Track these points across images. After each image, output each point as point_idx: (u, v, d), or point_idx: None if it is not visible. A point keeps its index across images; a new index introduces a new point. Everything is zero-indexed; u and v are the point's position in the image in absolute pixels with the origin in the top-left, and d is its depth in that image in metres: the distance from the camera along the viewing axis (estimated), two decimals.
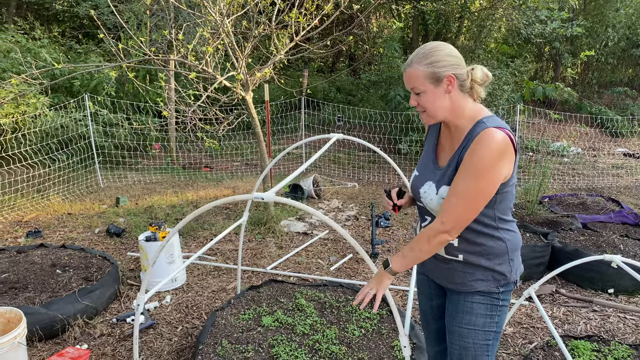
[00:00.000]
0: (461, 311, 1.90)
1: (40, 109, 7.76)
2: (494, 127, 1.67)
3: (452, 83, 1.74)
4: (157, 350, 3.46)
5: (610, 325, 3.84)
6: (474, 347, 1.89)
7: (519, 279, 1.97)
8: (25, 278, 4.00)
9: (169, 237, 2.37)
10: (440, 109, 1.78)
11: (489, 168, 1.66)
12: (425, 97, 1.77)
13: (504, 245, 1.84)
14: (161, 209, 6.53)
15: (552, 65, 16.77)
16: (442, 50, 1.75)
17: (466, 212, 1.71)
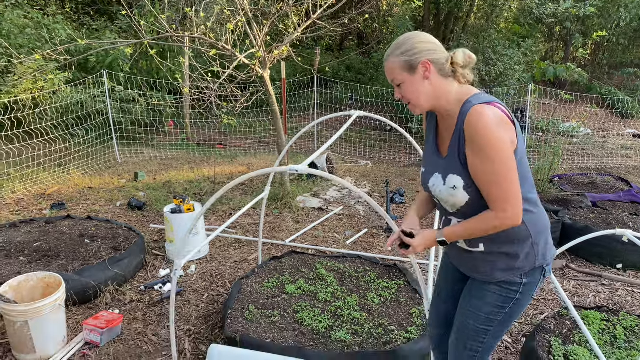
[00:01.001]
0: (474, 296, 1.97)
1: (58, 85, 7.87)
2: (480, 104, 1.66)
3: (428, 69, 1.73)
4: (186, 315, 3.64)
5: (619, 298, 3.99)
6: (472, 328, 1.96)
7: (550, 263, 1.91)
8: (56, 247, 4.18)
9: (203, 209, 2.51)
10: (422, 96, 1.77)
11: (495, 142, 1.63)
12: (405, 87, 1.78)
13: (525, 227, 1.81)
14: (179, 184, 6.68)
15: (562, 46, 16.68)
16: (414, 39, 1.75)
17: (510, 191, 1.68)
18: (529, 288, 1.88)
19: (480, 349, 1.98)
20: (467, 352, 2.01)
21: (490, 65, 9.62)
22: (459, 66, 1.77)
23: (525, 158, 1.80)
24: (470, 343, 1.98)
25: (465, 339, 2.00)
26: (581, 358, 2.86)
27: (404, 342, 2.94)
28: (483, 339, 1.96)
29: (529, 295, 1.91)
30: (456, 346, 2.05)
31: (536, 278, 1.88)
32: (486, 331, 1.94)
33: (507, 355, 3.26)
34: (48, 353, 3.11)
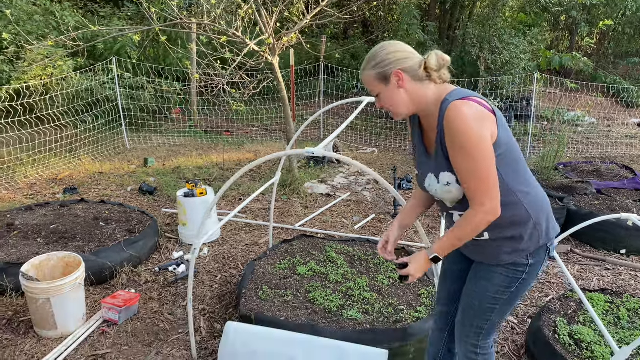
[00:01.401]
0: (481, 277, 2.04)
1: (67, 72, 7.94)
2: (457, 100, 1.71)
3: (400, 78, 1.78)
4: (200, 295, 3.74)
5: (622, 282, 4.09)
6: (478, 307, 2.04)
7: (553, 241, 1.98)
8: (72, 229, 4.28)
9: (224, 189, 2.60)
10: (400, 103, 1.83)
11: (473, 138, 1.68)
12: (382, 97, 1.85)
13: (525, 209, 1.86)
14: (188, 169, 6.78)
15: (568, 35, 16.64)
16: (384, 50, 1.80)
17: (489, 185, 1.73)
18: (534, 268, 1.96)
19: (486, 326, 2.06)
20: (473, 330, 2.09)
21: (496, 54, 9.64)
22: (433, 70, 1.81)
23: (512, 143, 1.84)
24: (477, 321, 2.07)
25: (472, 318, 2.09)
26: (586, 337, 2.96)
27: (413, 321, 3.03)
28: (489, 317, 2.04)
29: (534, 275, 1.98)
30: (462, 324, 2.13)
31: (541, 257, 1.96)
32: (492, 309, 2.02)
33: (512, 335, 3.35)
34: (69, 329, 3.22)
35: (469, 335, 2.11)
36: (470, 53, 9.85)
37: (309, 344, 2.67)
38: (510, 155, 1.81)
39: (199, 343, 3.18)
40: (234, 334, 2.82)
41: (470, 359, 2.14)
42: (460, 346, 2.17)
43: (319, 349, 2.64)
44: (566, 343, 2.92)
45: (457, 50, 10.74)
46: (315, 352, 2.64)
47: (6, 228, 4.25)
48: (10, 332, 3.24)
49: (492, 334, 2.12)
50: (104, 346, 3.14)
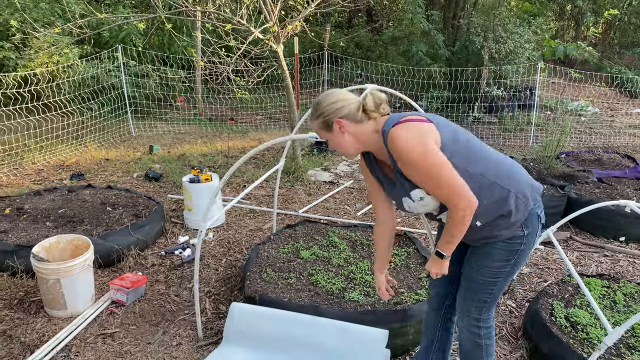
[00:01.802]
0: (480, 254, 2.13)
1: (73, 59, 8.00)
2: (392, 128, 1.85)
3: (341, 125, 1.95)
4: (206, 278, 3.83)
5: (620, 268, 4.15)
6: (481, 282, 2.13)
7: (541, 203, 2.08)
8: (80, 213, 4.36)
9: (230, 172, 2.67)
10: (346, 146, 2.00)
11: (418, 154, 1.80)
12: (330, 141, 2.03)
13: (499, 186, 1.96)
14: (193, 157, 6.85)
15: (573, 25, 16.57)
16: (324, 102, 1.96)
17: (452, 186, 1.82)
18: (530, 238, 2.06)
19: (489, 299, 2.15)
20: (475, 304, 2.18)
21: (500, 43, 9.63)
22: (371, 110, 1.94)
23: (460, 137, 1.96)
24: (479, 295, 2.16)
25: (474, 293, 2.17)
26: (582, 319, 3.03)
27: (413, 303, 3.11)
28: (491, 290, 2.13)
29: (531, 244, 2.08)
30: (464, 299, 2.21)
31: (535, 227, 2.05)
32: (495, 283, 2.12)
33: (510, 318, 3.43)
34: (78, 310, 3.31)
35: (470, 310, 2.19)
36: (474, 42, 9.84)
37: (312, 324, 2.76)
38: (462, 147, 1.93)
39: (205, 323, 3.27)
40: (239, 314, 2.91)
41: (473, 333, 2.22)
42: (463, 321, 2.25)
43: (321, 328, 2.73)
44: (562, 325, 2.99)
45: (462, 40, 10.73)
46: (317, 331, 2.72)
47: (16, 212, 4.34)
48: (22, 311, 3.33)
49: (494, 307, 2.21)
50: (112, 326, 3.23)
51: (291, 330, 2.77)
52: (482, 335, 2.23)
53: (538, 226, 2.07)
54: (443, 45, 10.38)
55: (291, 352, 2.74)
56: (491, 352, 2.28)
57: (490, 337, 2.26)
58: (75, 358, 2.92)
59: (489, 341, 2.25)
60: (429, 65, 9.83)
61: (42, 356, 2.90)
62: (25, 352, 2.94)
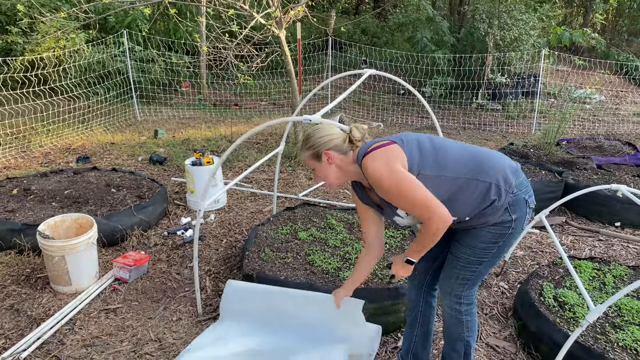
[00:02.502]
0: (468, 236, 2.20)
1: (79, 44, 8.09)
2: (362, 159, 2.04)
3: (329, 156, 2.15)
4: (207, 257, 3.94)
5: (613, 252, 4.22)
6: (466, 260, 2.21)
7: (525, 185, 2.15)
8: (85, 194, 4.48)
9: (227, 152, 2.76)
10: (331, 176, 2.20)
11: (387, 180, 1.96)
12: (317, 171, 2.23)
13: (475, 181, 2.04)
14: (197, 141, 6.95)
15: (582, 11, 16.42)
16: (315, 135, 2.18)
17: (423, 203, 1.95)
18: (519, 222, 2.13)
19: (472, 276, 2.23)
20: (458, 281, 2.26)
21: (505, 30, 9.61)
22: (357, 140, 2.16)
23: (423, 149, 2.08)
24: (463, 273, 2.23)
25: (459, 271, 2.25)
26: (570, 299, 3.11)
27: (405, 282, 3.20)
28: (476, 268, 2.21)
29: (519, 228, 2.15)
30: (449, 276, 2.29)
31: (523, 211, 2.12)
32: (480, 262, 2.19)
33: (502, 299, 3.52)
34: (82, 286, 3.43)
35: (453, 287, 2.27)
36: (479, 29, 9.82)
37: (301, 298, 2.86)
38: (429, 156, 2.07)
39: (204, 300, 3.38)
40: (233, 291, 3.01)
41: (455, 309, 2.31)
42: (445, 298, 2.34)
43: (309, 301, 2.83)
44: (550, 305, 3.08)
45: (467, 26, 10.70)
46: (306, 304, 2.83)
47: (23, 193, 4.47)
48: (29, 287, 3.46)
49: (477, 285, 2.29)
50: (115, 301, 3.36)
51: (281, 304, 2.88)
52: (463, 311, 2.31)
53: (526, 211, 2.14)
54: (448, 31, 10.36)
55: (284, 324, 2.85)
56: (472, 327, 2.36)
57: (471, 313, 2.34)
58: (79, 331, 3.04)
59: (470, 317, 2.33)
60: (434, 52, 9.83)
61: (47, 329, 3.03)
62: (32, 324, 3.07)
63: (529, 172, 5.28)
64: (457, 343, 2.40)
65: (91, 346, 2.91)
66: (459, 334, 2.37)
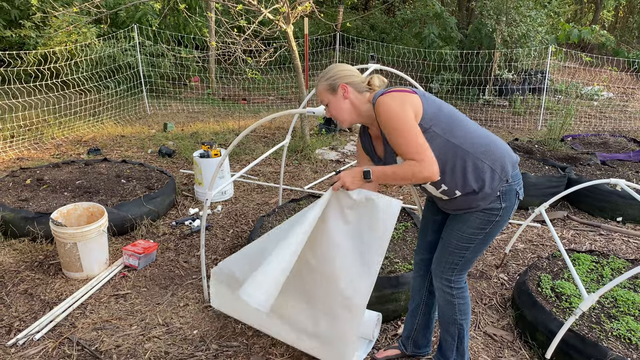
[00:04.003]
0: (458, 221, 2.29)
1: (90, 39, 8.22)
2: (380, 96, 2.06)
3: (346, 90, 2.16)
4: (213, 247, 4.05)
5: (614, 246, 4.27)
6: (455, 245, 2.30)
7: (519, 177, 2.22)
8: (96, 185, 4.60)
9: (236, 140, 2.85)
10: (344, 112, 2.19)
11: (394, 113, 2.00)
12: (330, 105, 2.22)
13: (474, 158, 2.11)
14: (205, 135, 7.06)
15: (592, 8, 16.34)
16: (334, 69, 2.20)
17: (420, 146, 1.99)
18: (507, 211, 2.21)
19: (461, 262, 2.32)
20: (448, 266, 2.35)
21: (512, 26, 9.62)
22: (375, 86, 2.22)
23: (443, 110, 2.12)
24: (452, 257, 2.33)
25: (448, 255, 2.34)
26: (566, 290, 3.18)
27: (406, 272, 3.28)
28: (463, 254, 2.30)
29: (506, 217, 2.23)
30: (439, 261, 2.39)
31: (512, 202, 2.21)
32: (467, 248, 2.28)
33: (501, 289, 3.59)
34: (93, 272, 3.55)
35: (443, 271, 2.37)
36: (486, 25, 9.84)
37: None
38: (444, 118, 2.11)
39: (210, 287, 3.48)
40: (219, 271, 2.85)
41: (445, 292, 2.40)
42: (436, 281, 2.43)
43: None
44: (548, 295, 3.15)
45: (475, 22, 10.72)
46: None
47: (36, 182, 4.59)
48: (42, 272, 3.58)
49: (466, 270, 2.37)
50: (125, 287, 3.47)
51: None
52: (454, 294, 2.40)
53: (515, 201, 2.23)
54: (456, 27, 10.39)
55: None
56: (465, 311, 2.44)
57: (463, 296, 2.42)
58: (90, 315, 3.16)
59: (462, 300, 2.41)
60: (441, 48, 9.86)
61: (60, 312, 3.15)
62: (45, 308, 3.19)
63: (532, 167, 5.34)
64: (450, 326, 2.48)
65: (101, 329, 3.03)
66: (452, 317, 2.45)
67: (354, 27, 13.28)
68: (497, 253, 4.10)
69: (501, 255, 4.02)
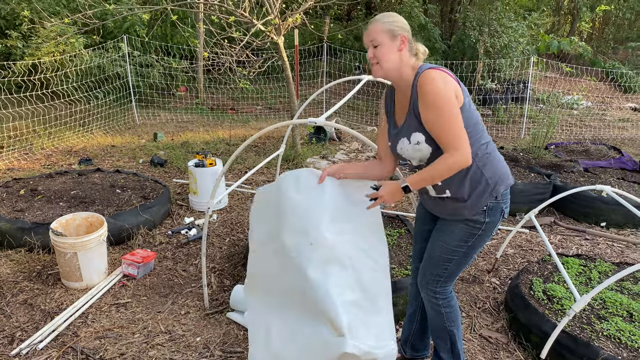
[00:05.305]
0: (443, 232, 2.35)
1: (78, 49, 8.21)
2: (428, 69, 2.04)
3: (404, 42, 2.12)
4: (211, 255, 4.09)
5: (599, 250, 4.43)
6: (438, 257, 2.36)
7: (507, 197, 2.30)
8: (91, 195, 4.62)
9: (232, 158, 2.92)
10: (391, 61, 2.12)
11: (442, 96, 1.99)
12: (381, 49, 2.12)
13: (476, 167, 2.16)
14: (196, 144, 7.10)
15: (570, 20, 16.79)
16: (398, 17, 2.16)
17: (459, 133, 2.02)
18: (490, 226, 2.28)
19: (445, 274, 2.37)
20: (433, 277, 2.41)
21: (495, 37, 9.87)
22: (420, 52, 2.21)
23: (473, 111, 2.17)
24: (436, 270, 2.38)
25: (432, 267, 2.40)
26: (558, 293, 3.30)
27: (402, 277, 3.37)
28: (447, 266, 2.35)
29: (489, 232, 2.30)
30: (424, 272, 2.45)
31: (496, 217, 2.27)
32: (450, 260, 2.34)
33: (494, 294, 3.70)
34: (93, 281, 3.57)
35: (429, 283, 2.42)
36: (469, 36, 10.07)
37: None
38: (469, 120, 2.12)
39: (210, 295, 3.53)
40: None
41: (432, 302, 2.46)
42: (423, 292, 2.49)
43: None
44: (540, 298, 3.26)
45: (458, 34, 10.96)
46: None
47: (30, 193, 4.59)
48: (41, 283, 3.59)
49: (451, 282, 2.42)
50: (125, 296, 3.50)
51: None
52: (441, 304, 2.44)
53: (499, 219, 2.30)
54: (440, 38, 10.61)
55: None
56: (453, 318, 2.49)
57: (450, 305, 2.46)
58: (92, 324, 3.18)
59: (449, 309, 2.46)
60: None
61: (61, 321, 3.16)
62: (46, 318, 3.20)
63: (518, 175, 5.49)
64: (441, 333, 2.53)
65: (104, 338, 3.05)
66: (442, 325, 2.50)
67: (338, 37, 13.44)
68: (488, 258, 4.22)
69: (492, 260, 4.13)
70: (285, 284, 2.42)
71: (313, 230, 2.27)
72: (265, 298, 2.57)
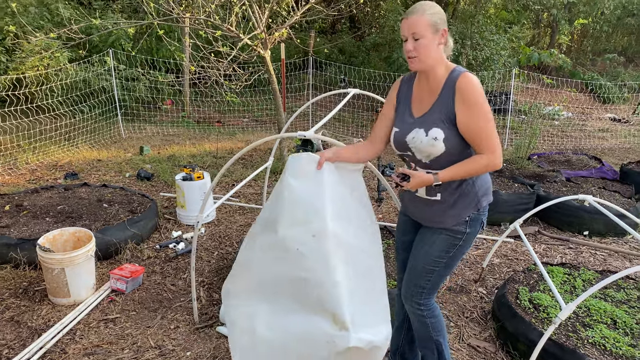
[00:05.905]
0: (425, 242, 2.38)
1: (63, 63, 8.19)
2: (465, 72, 2.10)
3: (444, 36, 2.09)
4: (199, 269, 4.09)
5: (582, 259, 4.51)
6: (421, 269, 2.39)
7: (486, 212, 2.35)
8: (78, 210, 4.59)
9: (222, 171, 2.94)
10: (430, 55, 2.09)
11: (483, 100, 2.05)
12: (422, 42, 2.07)
13: (471, 180, 2.23)
14: (183, 157, 7.09)
15: (549, 32, 17.15)
16: (439, 7, 2.12)
17: (495, 137, 2.09)
18: (470, 237, 2.33)
19: (428, 285, 2.40)
20: (416, 289, 2.43)
21: (477, 50, 10.05)
22: (450, 46, 2.20)
23: None
24: (419, 281, 2.41)
25: (416, 278, 2.42)
26: (543, 301, 3.36)
27: (392, 288, 3.41)
28: (430, 278, 2.38)
29: (469, 243, 2.35)
30: (407, 284, 2.47)
31: (476, 229, 2.33)
32: (432, 271, 2.37)
33: (481, 303, 3.75)
34: (81, 297, 3.55)
35: (413, 295, 2.45)
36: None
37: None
38: None
39: (200, 309, 3.52)
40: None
41: (417, 314, 2.48)
42: (407, 304, 2.51)
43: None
44: (526, 307, 3.32)
45: None
46: None
47: (15, 209, 4.55)
48: (27, 299, 3.56)
49: (433, 293, 2.45)
50: (114, 312, 3.48)
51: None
52: (425, 315, 2.46)
53: (479, 230, 2.36)
54: None
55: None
56: (438, 328, 2.51)
57: (434, 315, 2.48)
58: (80, 340, 3.15)
59: (434, 319, 2.49)
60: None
61: (49, 338, 3.13)
62: (33, 335, 3.17)
63: (502, 185, 5.58)
64: (428, 342, 2.55)
65: (93, 354, 3.03)
66: (428, 335, 2.52)
67: (322, 51, 13.57)
68: (474, 268, 4.27)
69: (479, 270, 4.19)
70: (279, 275, 2.34)
71: (316, 222, 2.24)
72: (251, 287, 2.46)
